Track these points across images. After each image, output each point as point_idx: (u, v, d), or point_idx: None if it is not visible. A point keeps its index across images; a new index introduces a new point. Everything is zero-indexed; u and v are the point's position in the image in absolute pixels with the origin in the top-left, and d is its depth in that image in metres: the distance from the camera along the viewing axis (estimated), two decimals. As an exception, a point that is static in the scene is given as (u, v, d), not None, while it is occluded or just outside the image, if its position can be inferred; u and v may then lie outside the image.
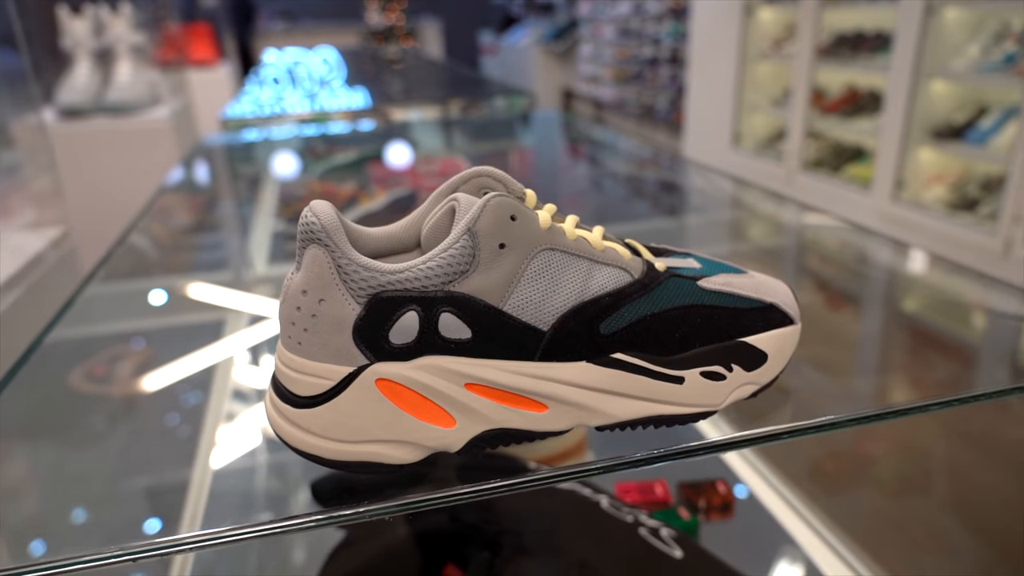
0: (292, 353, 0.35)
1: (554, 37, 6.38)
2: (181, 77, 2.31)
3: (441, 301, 0.35)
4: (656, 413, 0.39)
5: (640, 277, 0.39)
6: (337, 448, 0.35)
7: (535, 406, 0.37)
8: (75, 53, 1.85)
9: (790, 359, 0.42)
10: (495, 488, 0.39)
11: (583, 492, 0.73)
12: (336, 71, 2.55)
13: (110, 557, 0.36)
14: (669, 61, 4.83)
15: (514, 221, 0.36)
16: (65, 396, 0.76)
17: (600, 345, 0.37)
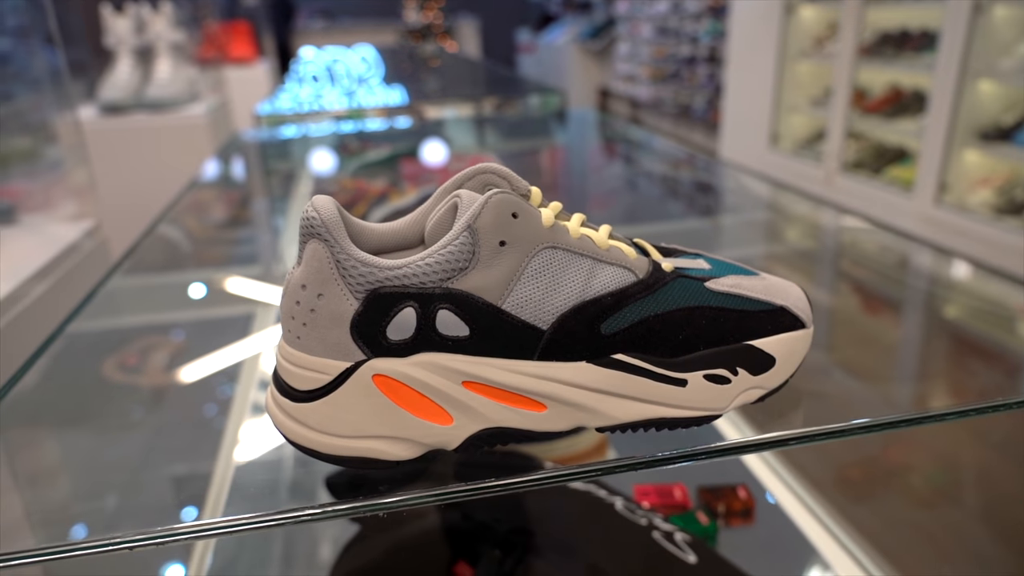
0: (291, 347, 0.36)
1: (591, 35, 6.35)
2: (219, 74, 2.35)
3: (439, 298, 0.34)
4: (658, 416, 0.38)
5: (644, 277, 0.38)
6: (334, 443, 0.35)
7: (534, 406, 0.36)
8: (117, 51, 1.89)
9: (801, 363, 0.41)
10: (504, 485, 0.39)
11: (598, 493, 0.73)
12: (373, 69, 2.57)
13: (131, 541, 0.36)
14: (707, 60, 4.77)
15: (515, 219, 0.36)
16: (98, 385, 0.78)
17: (601, 345, 0.37)
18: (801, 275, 1.02)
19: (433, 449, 0.36)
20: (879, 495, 0.92)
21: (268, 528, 0.35)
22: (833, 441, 0.45)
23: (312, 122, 2.00)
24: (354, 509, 0.36)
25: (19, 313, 0.69)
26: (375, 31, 6.34)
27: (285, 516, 0.36)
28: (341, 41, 4.94)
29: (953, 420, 0.46)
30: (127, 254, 0.84)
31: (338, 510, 0.37)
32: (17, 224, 1.12)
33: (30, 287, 0.72)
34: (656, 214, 1.49)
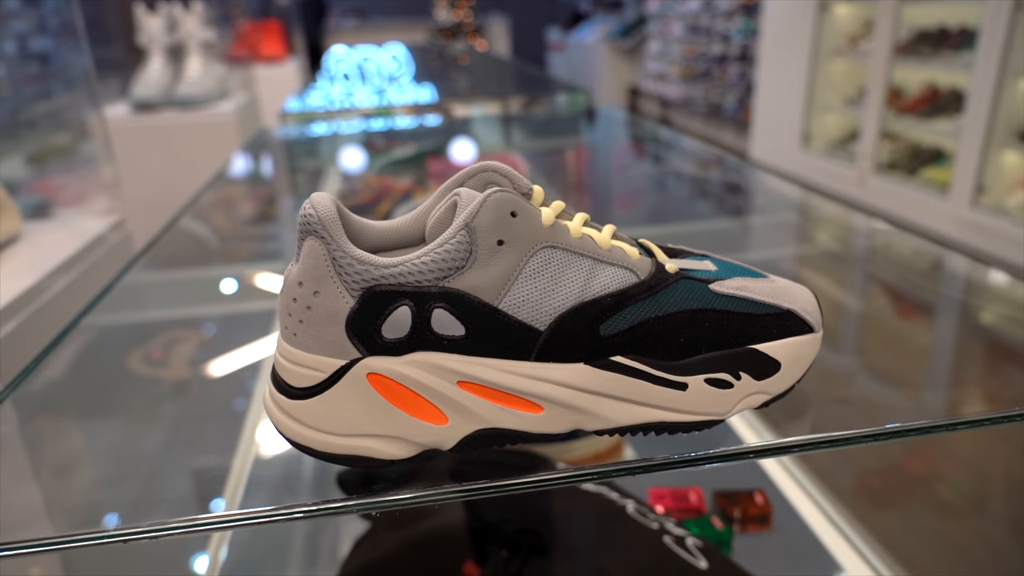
0: (288, 344, 0.36)
1: (621, 34, 6.31)
2: (248, 72, 2.38)
3: (434, 297, 0.34)
4: (657, 420, 0.37)
5: (646, 278, 0.37)
6: (328, 440, 0.35)
7: (530, 407, 0.36)
8: (150, 49, 1.93)
9: (809, 368, 0.40)
10: (514, 485, 0.38)
11: (610, 496, 0.72)
12: (404, 67, 2.58)
13: (148, 532, 0.37)
14: (738, 59, 4.72)
15: (514, 218, 0.35)
16: (123, 377, 0.79)
17: (599, 347, 0.36)
18: (830, 278, 1.00)
19: (428, 449, 0.36)
20: (902, 504, 0.90)
21: (280, 522, 0.36)
22: (856, 447, 0.44)
23: (338, 120, 2.02)
24: (366, 505, 0.36)
25: (43, 305, 0.71)
26: (406, 30, 6.38)
27: (298, 511, 0.36)
28: (372, 40, 4.97)
29: (985, 427, 0.44)
30: (145, 249, 0.85)
31: (348, 506, 0.37)
32: (50, 218, 1.14)
33: (53, 280, 0.74)
34: (681, 214, 1.48)
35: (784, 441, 0.42)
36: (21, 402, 0.64)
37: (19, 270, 0.74)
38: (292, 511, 0.36)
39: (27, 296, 0.70)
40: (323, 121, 1.96)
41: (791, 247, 1.17)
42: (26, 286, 0.70)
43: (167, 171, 1.71)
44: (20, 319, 0.66)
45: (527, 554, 0.61)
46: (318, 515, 0.36)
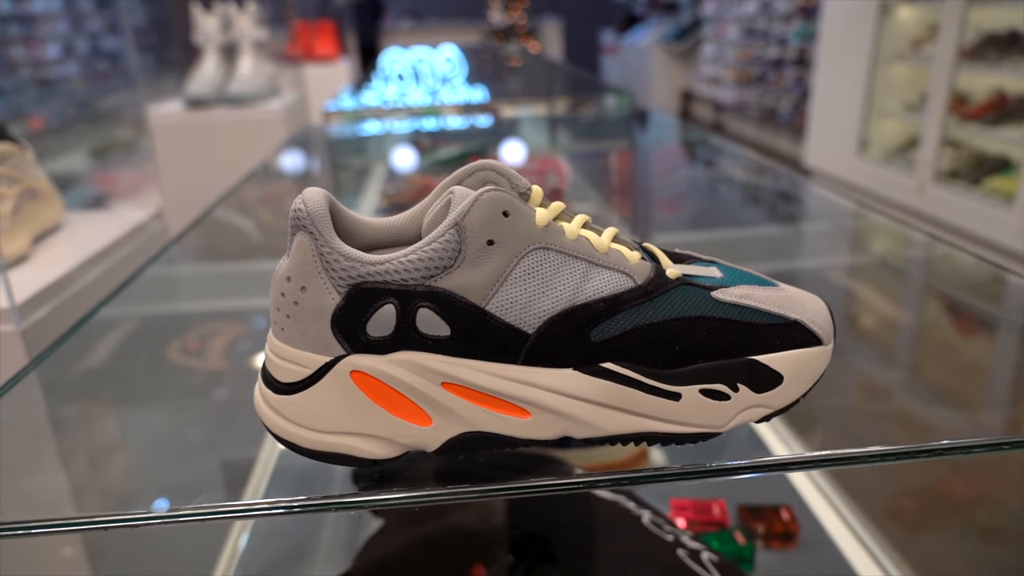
0: (276, 338, 0.36)
1: (676, 37, 6.23)
2: (300, 72, 2.43)
3: (420, 296, 0.34)
4: (649, 430, 0.36)
5: (643, 283, 0.36)
6: (312, 437, 0.35)
7: (517, 412, 0.35)
8: (205, 48, 1.98)
9: (816, 382, 0.38)
10: (517, 488, 0.37)
11: (626, 505, 0.71)
12: (452, 68, 2.60)
13: (170, 517, 0.37)
14: (795, 63, 4.61)
15: (506, 217, 0.35)
16: (161, 366, 0.81)
17: (589, 353, 0.35)
18: (883, 290, 0.97)
19: (412, 450, 0.36)
20: (939, 528, 0.86)
21: (296, 513, 0.36)
22: (894, 465, 0.42)
23: (384, 119, 2.04)
24: (382, 502, 0.36)
25: (74, 293, 0.73)
26: (460, 31, 6.42)
27: (315, 503, 0.36)
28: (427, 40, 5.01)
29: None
30: (173, 241, 0.87)
31: (360, 502, 0.36)
32: (100, 209, 1.18)
33: (86, 269, 0.76)
34: (726, 220, 1.45)
35: (812, 455, 0.40)
36: (62, 387, 0.66)
37: (55, 258, 0.77)
38: (304, 504, 0.36)
39: (58, 284, 0.72)
40: (369, 120, 1.98)
41: (842, 256, 1.13)
42: (58, 275, 0.72)
43: (215, 166, 1.75)
44: (50, 307, 0.68)
45: (533, 561, 0.60)
46: (327, 509, 0.36)
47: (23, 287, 0.68)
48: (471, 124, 2.05)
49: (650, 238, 1.27)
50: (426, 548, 0.68)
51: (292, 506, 0.36)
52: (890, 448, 0.40)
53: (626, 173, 1.93)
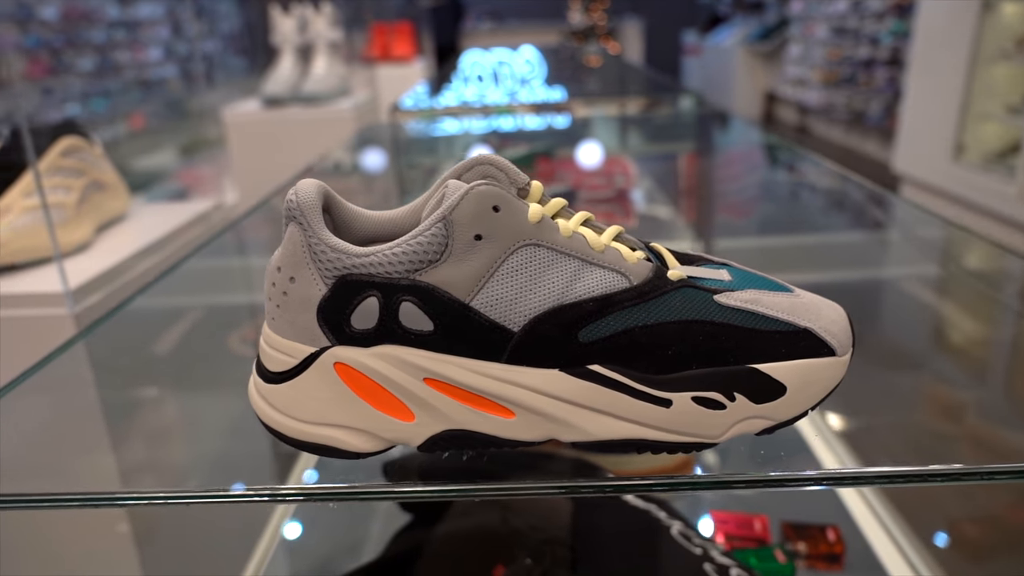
0: (268, 328, 0.36)
1: (761, 37, 6.05)
2: (373, 72, 2.48)
3: (403, 289, 0.33)
4: (638, 436, 0.35)
5: (639, 284, 0.35)
6: (297, 427, 0.35)
7: (501, 411, 0.34)
8: (282, 48, 2.05)
9: (828, 396, 0.36)
10: (548, 488, 0.36)
11: (657, 514, 0.69)
12: (533, 70, 2.61)
13: (211, 497, 0.38)
14: (887, 63, 4.39)
15: (496, 212, 0.34)
16: (221, 356, 0.84)
17: (577, 354, 0.34)
18: (969, 304, 0.91)
19: (396, 445, 0.35)
20: (1002, 560, 0.80)
21: (326, 500, 0.36)
22: (957, 489, 0.39)
23: (453, 118, 2.06)
24: (405, 494, 0.36)
25: (127, 281, 0.76)
26: (539, 32, 6.43)
27: (343, 491, 0.37)
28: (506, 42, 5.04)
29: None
30: (224, 230, 0.89)
31: (369, 494, 0.36)
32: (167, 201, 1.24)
33: (140, 259, 0.80)
34: (796, 227, 1.39)
35: (861, 470, 0.37)
36: (118, 370, 0.69)
37: (114, 247, 0.80)
38: (336, 491, 0.36)
39: (113, 271, 0.75)
40: (440, 119, 2.00)
41: (925, 267, 1.07)
42: (113, 262, 0.76)
43: (287, 162, 1.81)
44: (104, 292, 0.71)
45: (550, 565, 0.59)
46: (351, 498, 0.36)
47: (80, 273, 0.71)
48: (542, 125, 2.05)
49: (713, 241, 1.24)
50: (451, 546, 0.68)
51: (313, 494, 0.35)
52: (954, 468, 0.37)
53: (696, 175, 1.89)
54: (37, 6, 4.51)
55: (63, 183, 0.78)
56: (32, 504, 0.38)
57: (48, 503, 0.38)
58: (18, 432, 0.56)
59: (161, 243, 0.83)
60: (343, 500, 0.45)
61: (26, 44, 4.36)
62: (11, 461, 0.52)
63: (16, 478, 0.45)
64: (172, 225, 0.87)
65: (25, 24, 4.45)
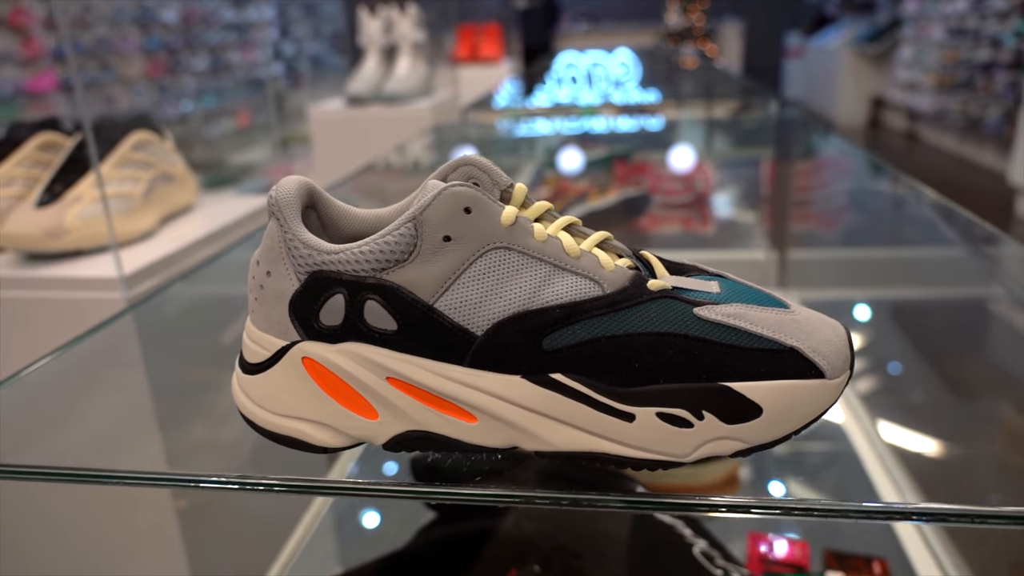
0: (249, 320, 0.37)
1: (870, 38, 5.75)
2: (456, 72, 2.52)
3: (368, 288, 0.33)
4: (601, 450, 0.33)
5: (611, 292, 0.34)
6: (268, 418, 0.36)
7: (463, 415, 0.34)
8: (367, 49, 2.11)
9: (814, 421, 0.34)
10: (548, 498, 0.36)
11: (681, 531, 0.67)
12: (628, 72, 2.58)
13: (252, 484, 0.38)
14: (1009, 66, 4.08)
15: (467, 214, 0.34)
16: None
17: (540, 361, 0.33)
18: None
19: (361, 442, 0.36)
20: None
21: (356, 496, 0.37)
22: None
23: (532, 118, 2.07)
24: (430, 494, 0.36)
25: (188, 266, 0.80)
26: (635, 34, 6.35)
27: (374, 488, 0.38)
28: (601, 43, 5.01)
29: None
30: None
31: (387, 491, 0.36)
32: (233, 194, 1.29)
33: (201, 246, 0.84)
34: (884, 239, 1.32)
35: (914, 506, 0.34)
36: (172, 354, 0.73)
37: (176, 236, 0.85)
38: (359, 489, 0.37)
39: (170, 259, 0.79)
40: (519, 119, 2.01)
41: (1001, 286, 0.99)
42: (170, 250, 0.80)
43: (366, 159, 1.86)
44: (159, 278, 0.75)
45: (559, 573, 0.58)
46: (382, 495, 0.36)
47: (138, 260, 0.76)
48: (626, 127, 2.02)
49: (788, 251, 1.18)
50: (470, 546, 0.68)
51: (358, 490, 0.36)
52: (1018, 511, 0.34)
53: (781, 183, 1.82)
54: (159, 10, 4.83)
55: (132, 175, 0.82)
56: (76, 478, 0.39)
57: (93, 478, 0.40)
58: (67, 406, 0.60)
59: (221, 233, 0.87)
60: (374, 496, 0.45)
61: (148, 46, 4.69)
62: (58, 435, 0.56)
63: (63, 452, 0.48)
64: (234, 216, 0.91)
65: (147, 27, 4.78)
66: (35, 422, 0.54)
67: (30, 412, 0.54)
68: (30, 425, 0.53)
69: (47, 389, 0.56)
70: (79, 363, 0.58)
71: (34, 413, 0.54)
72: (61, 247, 0.75)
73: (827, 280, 1.30)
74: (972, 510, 0.34)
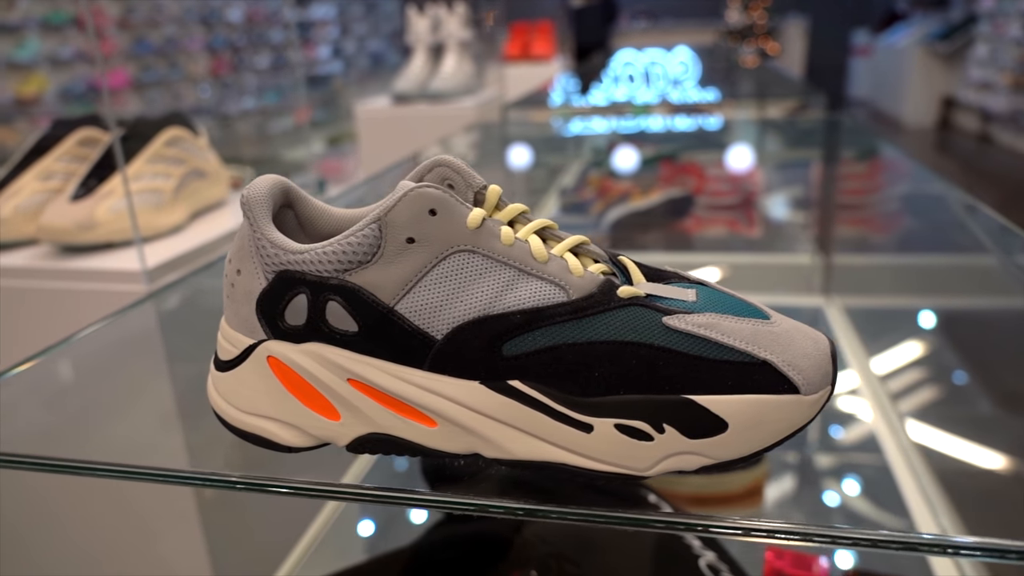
0: (223, 318, 0.37)
1: (942, 36, 5.51)
2: (503, 70, 2.51)
3: (330, 289, 0.33)
4: (560, 460, 0.32)
5: (577, 299, 0.33)
6: (236, 416, 0.36)
7: (423, 419, 0.34)
8: (415, 47, 2.13)
9: (788, 438, 0.32)
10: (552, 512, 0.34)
11: (689, 541, 0.65)
12: (686, 71, 2.54)
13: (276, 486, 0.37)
14: (1092, 65, 3.86)
15: (432, 216, 0.33)
16: None
17: (498, 367, 0.32)
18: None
19: (325, 442, 0.36)
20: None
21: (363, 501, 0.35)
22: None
23: (579, 117, 2.05)
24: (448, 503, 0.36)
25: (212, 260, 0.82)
26: (695, 32, 6.24)
27: (382, 494, 0.37)
28: (660, 41, 4.95)
29: None
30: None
31: (402, 499, 0.36)
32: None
33: (226, 241, 0.86)
34: (941, 246, 1.27)
35: (960, 540, 0.31)
36: (198, 351, 0.74)
37: (204, 230, 0.87)
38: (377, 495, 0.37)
39: (194, 252, 0.81)
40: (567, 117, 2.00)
41: None
42: (195, 244, 0.82)
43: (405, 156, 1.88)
44: (181, 272, 0.77)
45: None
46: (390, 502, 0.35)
47: (163, 254, 0.78)
48: (677, 127, 1.99)
49: (833, 255, 1.14)
50: (469, 549, 0.67)
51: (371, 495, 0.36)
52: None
53: (834, 186, 1.77)
54: (224, 9, 4.98)
55: (164, 170, 0.85)
56: (94, 472, 0.40)
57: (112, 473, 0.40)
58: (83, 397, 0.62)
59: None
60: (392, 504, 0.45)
61: (213, 44, 4.84)
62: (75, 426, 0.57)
63: (80, 443, 0.50)
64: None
65: (213, 26, 4.94)
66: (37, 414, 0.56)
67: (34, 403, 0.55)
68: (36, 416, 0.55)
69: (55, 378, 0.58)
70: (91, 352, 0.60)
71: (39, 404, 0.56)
72: (92, 240, 0.78)
73: (874, 287, 1.25)
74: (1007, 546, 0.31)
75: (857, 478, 0.84)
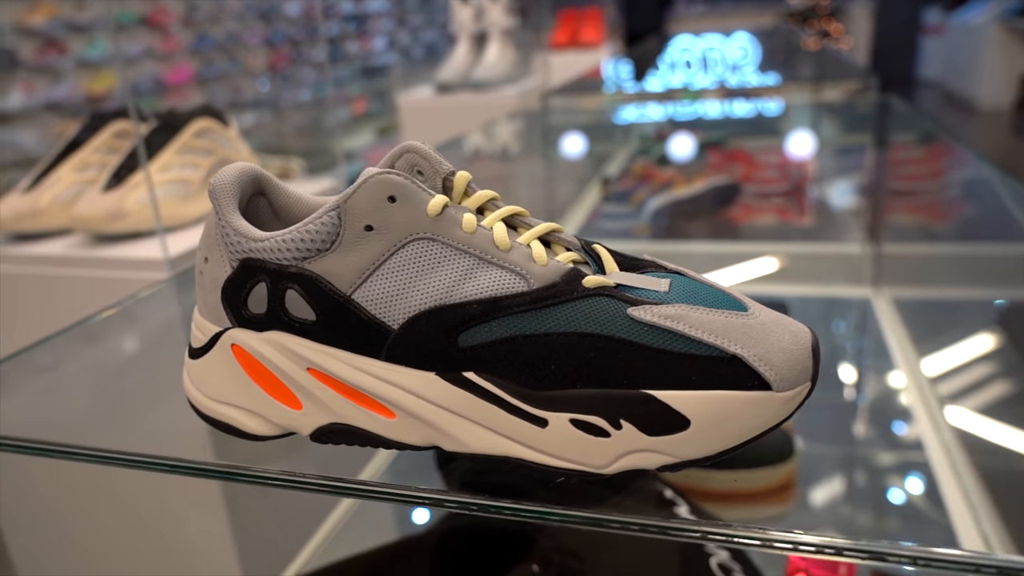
0: (196, 306, 0.37)
1: (1021, 11, 5.21)
2: (547, 58, 2.49)
3: (288, 277, 0.33)
4: (517, 455, 0.31)
5: (537, 288, 0.31)
6: (205, 402, 0.36)
7: (382, 410, 0.33)
8: (459, 36, 2.12)
9: (758, 437, 0.30)
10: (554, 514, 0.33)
11: (701, 540, 0.63)
12: (746, 56, 2.48)
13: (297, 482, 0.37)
14: None
15: (392, 203, 0.32)
16: None
17: (454, 358, 0.31)
18: None
19: (288, 432, 0.35)
20: None
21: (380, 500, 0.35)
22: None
23: (627, 103, 2.01)
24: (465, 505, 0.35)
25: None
26: (754, 14, 6.06)
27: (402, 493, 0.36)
28: (717, 26, 4.83)
29: None
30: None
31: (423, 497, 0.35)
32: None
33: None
34: (983, 235, 1.21)
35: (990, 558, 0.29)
36: None
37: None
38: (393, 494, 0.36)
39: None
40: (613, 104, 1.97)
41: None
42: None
43: (449, 147, 1.88)
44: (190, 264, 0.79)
45: (556, 574, 0.56)
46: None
47: (188, 242, 0.80)
48: (731, 113, 1.93)
49: (884, 244, 1.09)
50: (470, 541, 0.67)
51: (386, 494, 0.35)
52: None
53: (891, 172, 1.70)
54: (283, 4, 5.09)
55: (192, 161, 0.87)
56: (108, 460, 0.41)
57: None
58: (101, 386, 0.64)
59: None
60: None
61: (272, 38, 4.95)
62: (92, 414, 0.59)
63: (101, 431, 0.51)
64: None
65: (272, 20, 5.05)
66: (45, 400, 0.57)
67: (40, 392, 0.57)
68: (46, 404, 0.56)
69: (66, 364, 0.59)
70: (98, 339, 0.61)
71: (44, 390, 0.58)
72: (122, 229, 0.80)
73: (929, 278, 1.19)
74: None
75: (896, 479, 0.80)
